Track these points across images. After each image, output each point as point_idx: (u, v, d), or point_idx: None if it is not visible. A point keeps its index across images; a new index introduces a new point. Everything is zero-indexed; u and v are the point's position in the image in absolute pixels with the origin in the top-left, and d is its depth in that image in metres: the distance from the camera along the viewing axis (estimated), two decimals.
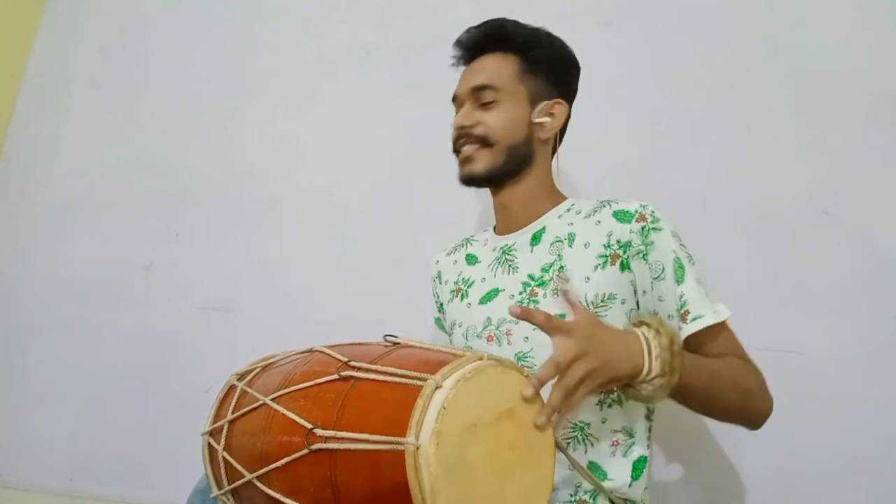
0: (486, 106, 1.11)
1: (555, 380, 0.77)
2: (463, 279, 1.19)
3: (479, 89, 1.11)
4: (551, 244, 1.09)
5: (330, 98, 1.81)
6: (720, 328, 0.99)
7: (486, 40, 1.15)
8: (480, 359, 0.74)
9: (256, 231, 1.78)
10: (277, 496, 0.74)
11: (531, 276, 1.07)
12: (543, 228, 1.12)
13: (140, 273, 1.82)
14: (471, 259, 1.21)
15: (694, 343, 0.98)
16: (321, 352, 0.84)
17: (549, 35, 1.16)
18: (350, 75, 1.80)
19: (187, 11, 1.94)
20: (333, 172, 1.76)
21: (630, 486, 0.98)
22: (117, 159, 1.90)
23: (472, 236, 1.27)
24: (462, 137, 1.12)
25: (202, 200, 1.83)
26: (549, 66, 1.14)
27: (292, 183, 1.78)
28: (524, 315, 0.78)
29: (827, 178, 1.43)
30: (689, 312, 0.98)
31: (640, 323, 0.89)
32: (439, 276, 1.27)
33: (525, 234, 1.13)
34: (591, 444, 0.99)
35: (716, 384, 0.94)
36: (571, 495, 0.97)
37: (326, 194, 1.75)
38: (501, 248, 1.15)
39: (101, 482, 1.71)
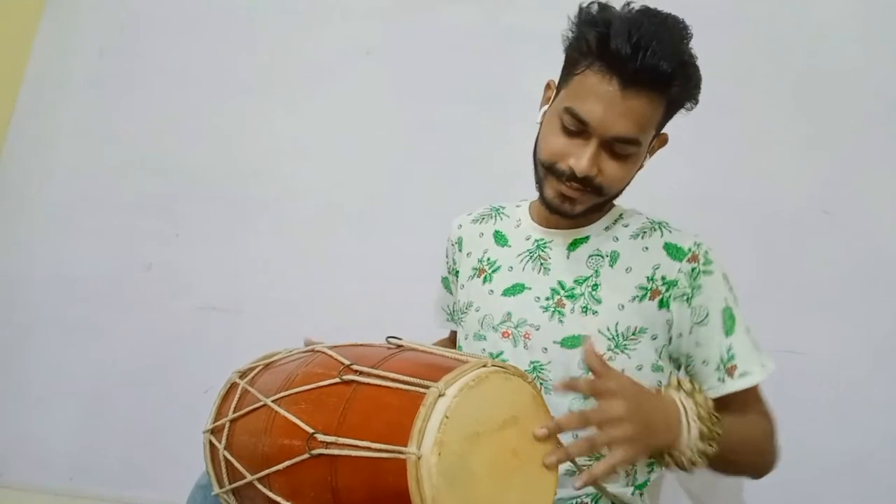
0: (615, 155, 0.93)
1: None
2: (488, 260, 1.10)
3: (620, 141, 0.91)
4: (590, 256, 1.02)
5: (330, 98, 1.80)
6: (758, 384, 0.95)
7: (651, 76, 0.88)
8: (484, 365, 0.72)
9: (257, 231, 1.78)
10: (278, 499, 0.74)
11: (562, 285, 1.01)
12: (587, 238, 1.03)
13: (140, 273, 1.81)
14: (499, 238, 1.12)
15: (727, 395, 0.94)
16: (323, 352, 0.83)
17: (697, 69, 0.95)
18: (350, 75, 1.80)
19: (187, 11, 1.93)
20: (334, 172, 1.76)
21: (633, 494, 0.98)
22: (117, 159, 1.90)
23: (504, 208, 1.17)
24: (575, 181, 0.94)
25: (202, 200, 1.82)
26: (680, 107, 0.97)
27: (292, 183, 1.78)
28: (568, 387, 0.74)
29: (827, 178, 1.43)
30: (736, 367, 0.93)
31: (678, 387, 0.84)
32: (460, 242, 1.17)
33: (565, 236, 1.04)
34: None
35: (744, 450, 0.89)
36: (572, 497, 0.97)
37: (327, 194, 1.75)
38: (536, 240, 1.07)
39: (101, 482, 1.72)
